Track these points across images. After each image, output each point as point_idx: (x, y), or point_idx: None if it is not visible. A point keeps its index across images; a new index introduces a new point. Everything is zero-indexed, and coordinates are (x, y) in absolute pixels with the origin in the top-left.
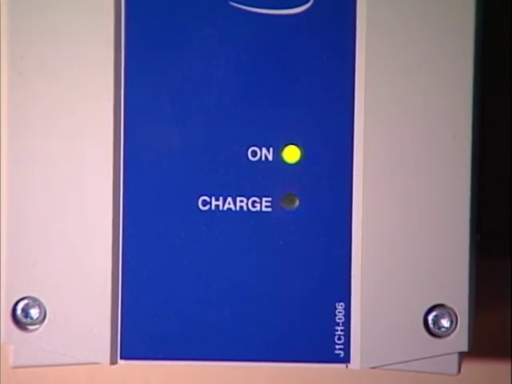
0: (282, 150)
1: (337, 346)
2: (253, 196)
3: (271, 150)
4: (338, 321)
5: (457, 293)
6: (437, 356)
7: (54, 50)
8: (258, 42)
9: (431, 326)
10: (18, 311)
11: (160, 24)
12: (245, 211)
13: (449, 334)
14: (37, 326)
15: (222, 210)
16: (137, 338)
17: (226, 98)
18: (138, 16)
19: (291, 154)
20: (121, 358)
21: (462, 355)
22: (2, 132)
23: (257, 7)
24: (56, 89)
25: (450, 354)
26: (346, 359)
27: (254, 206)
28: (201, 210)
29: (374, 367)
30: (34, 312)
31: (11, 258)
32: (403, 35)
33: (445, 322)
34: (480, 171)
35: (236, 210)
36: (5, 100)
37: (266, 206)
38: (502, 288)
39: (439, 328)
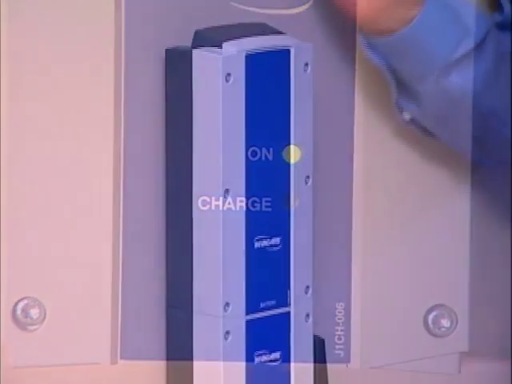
0: (282, 150)
1: (337, 346)
2: (253, 196)
3: (271, 150)
4: (337, 321)
5: (457, 293)
6: (437, 356)
7: (54, 50)
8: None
9: (431, 325)
10: (18, 311)
11: (160, 23)
12: (245, 211)
13: (449, 334)
14: (37, 326)
15: (222, 210)
16: (137, 337)
17: (225, 97)
18: (138, 15)
19: (291, 154)
20: (121, 358)
21: (462, 355)
22: (1, 131)
23: (257, 7)
24: (56, 89)
25: (450, 353)
26: (346, 359)
27: (254, 206)
28: (201, 210)
29: (374, 367)
30: (34, 312)
31: (11, 258)
32: None
33: (445, 322)
34: (479, 170)
35: (236, 210)
36: (5, 100)
37: (266, 206)
38: (502, 288)
39: (439, 328)
